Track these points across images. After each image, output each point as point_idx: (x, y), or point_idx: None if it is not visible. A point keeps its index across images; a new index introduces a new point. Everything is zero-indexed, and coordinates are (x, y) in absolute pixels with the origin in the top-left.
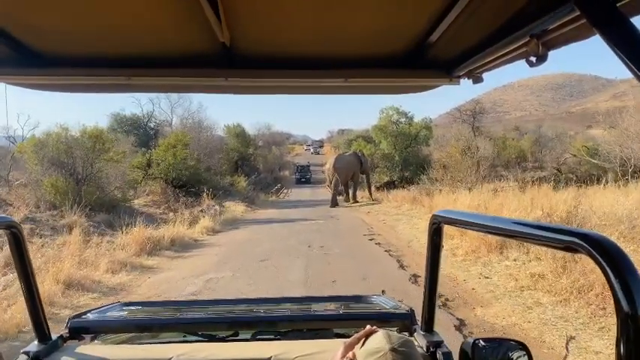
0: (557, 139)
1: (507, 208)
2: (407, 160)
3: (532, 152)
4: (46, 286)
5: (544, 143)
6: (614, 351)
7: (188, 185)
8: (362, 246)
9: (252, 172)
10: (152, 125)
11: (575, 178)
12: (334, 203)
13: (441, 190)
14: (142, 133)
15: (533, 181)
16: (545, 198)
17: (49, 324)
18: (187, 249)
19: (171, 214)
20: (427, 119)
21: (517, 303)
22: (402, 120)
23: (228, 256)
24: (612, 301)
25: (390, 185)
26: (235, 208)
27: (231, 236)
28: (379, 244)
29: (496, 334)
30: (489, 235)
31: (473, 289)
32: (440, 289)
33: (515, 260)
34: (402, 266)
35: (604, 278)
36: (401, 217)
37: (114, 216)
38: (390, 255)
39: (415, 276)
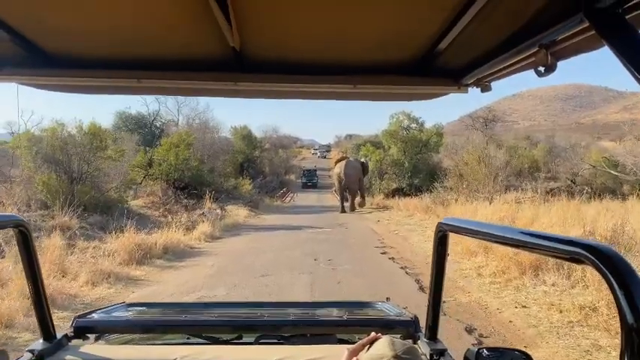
0: (570, 150)
1: (539, 223)
2: (416, 167)
3: (544, 162)
4: (7, 302)
5: (557, 153)
6: None
7: (190, 187)
8: (374, 261)
9: (257, 175)
10: (158, 124)
11: (590, 190)
12: (343, 209)
13: (456, 199)
14: (147, 132)
15: (551, 193)
16: (578, 212)
17: None
18: (181, 258)
19: (170, 216)
20: (439, 125)
21: (569, 344)
22: (413, 126)
23: (224, 268)
24: None
25: (398, 192)
26: (238, 213)
27: (231, 244)
28: (393, 258)
29: None
30: (520, 254)
31: (510, 321)
32: (472, 320)
33: (554, 285)
34: (421, 288)
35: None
36: (414, 228)
37: (109, 218)
38: (406, 273)
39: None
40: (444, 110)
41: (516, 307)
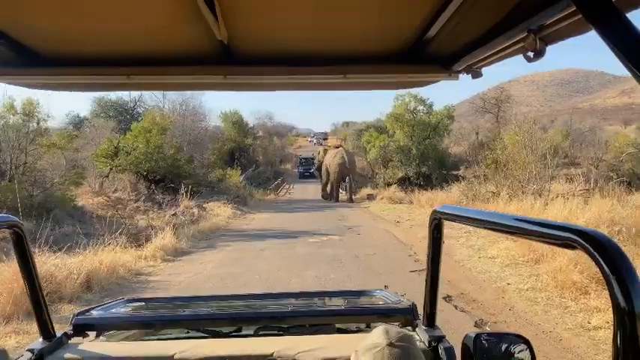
0: (590, 133)
1: None
2: (424, 154)
3: (562, 147)
4: None
5: (576, 137)
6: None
7: (166, 180)
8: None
9: (250, 164)
10: (140, 111)
11: (616, 177)
12: (337, 199)
13: (493, 192)
14: (129, 119)
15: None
16: None
17: None
18: (112, 296)
19: (127, 219)
20: (450, 107)
21: None
22: (420, 108)
23: None
24: None
25: (405, 182)
26: (220, 212)
27: (198, 265)
28: (449, 298)
29: None
30: None
31: None
32: None
33: None
34: None
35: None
36: (452, 234)
37: (51, 223)
38: None
39: None
40: (440, 95)
41: None
